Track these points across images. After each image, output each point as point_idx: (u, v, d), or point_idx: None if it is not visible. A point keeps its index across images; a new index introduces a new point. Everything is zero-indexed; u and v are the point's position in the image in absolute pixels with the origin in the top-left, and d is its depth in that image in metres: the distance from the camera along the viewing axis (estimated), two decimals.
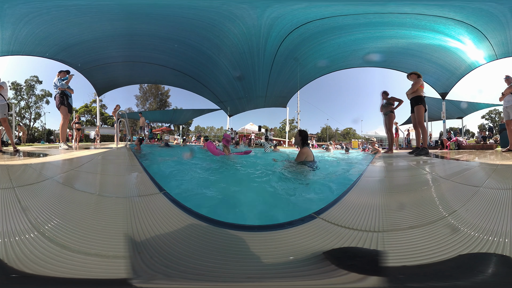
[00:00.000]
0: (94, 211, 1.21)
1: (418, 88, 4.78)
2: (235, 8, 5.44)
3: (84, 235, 0.90)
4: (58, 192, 1.56)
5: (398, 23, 6.11)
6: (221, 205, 1.67)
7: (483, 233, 0.93)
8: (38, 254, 0.75)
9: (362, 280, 0.65)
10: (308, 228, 1.05)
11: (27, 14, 5.44)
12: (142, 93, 35.79)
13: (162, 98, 36.12)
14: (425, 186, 1.90)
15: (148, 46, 7.86)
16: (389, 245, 0.88)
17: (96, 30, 6.48)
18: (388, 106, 5.88)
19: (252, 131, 20.24)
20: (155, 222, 1.06)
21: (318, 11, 5.70)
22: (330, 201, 1.38)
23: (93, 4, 5.34)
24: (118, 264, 0.73)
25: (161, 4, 5.51)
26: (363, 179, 2.21)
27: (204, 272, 0.71)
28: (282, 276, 0.71)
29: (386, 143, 9.84)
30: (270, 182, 2.33)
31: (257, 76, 9.78)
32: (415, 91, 4.81)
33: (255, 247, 0.89)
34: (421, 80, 4.79)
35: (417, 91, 4.79)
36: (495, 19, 5.36)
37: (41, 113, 27.37)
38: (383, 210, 1.30)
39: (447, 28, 5.99)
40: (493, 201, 1.34)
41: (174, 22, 6.33)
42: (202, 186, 2.18)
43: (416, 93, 4.79)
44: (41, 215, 1.08)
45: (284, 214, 1.52)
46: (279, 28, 6.39)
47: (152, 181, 1.79)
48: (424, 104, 4.82)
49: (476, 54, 7.17)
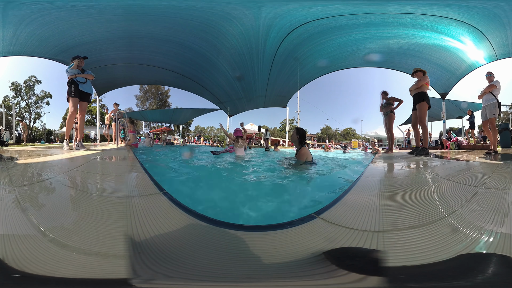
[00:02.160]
0: (94, 211, 1.21)
1: (423, 85, 4.52)
2: (231, 9, 5.43)
3: (84, 235, 0.90)
4: (58, 192, 1.56)
5: (398, 23, 6.10)
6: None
7: (483, 233, 0.93)
8: (38, 254, 0.75)
9: (362, 280, 0.65)
10: (308, 228, 1.05)
11: (30, 15, 5.44)
12: (142, 93, 35.86)
13: (162, 98, 36.17)
14: (425, 186, 1.90)
15: (148, 48, 7.88)
16: (389, 245, 0.88)
17: (96, 31, 6.50)
18: (388, 106, 5.89)
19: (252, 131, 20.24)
20: (155, 222, 1.06)
21: (316, 11, 5.70)
22: (330, 201, 1.38)
23: (94, 4, 5.34)
24: (118, 264, 0.73)
25: (160, 6, 5.52)
26: (363, 179, 2.21)
27: (204, 272, 0.71)
28: (282, 276, 0.71)
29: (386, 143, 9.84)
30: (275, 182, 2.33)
31: (256, 76, 9.79)
32: (420, 87, 4.54)
33: (255, 247, 0.89)
34: (427, 77, 4.54)
35: (422, 87, 4.53)
36: (497, 19, 5.31)
37: (41, 113, 27.43)
38: (383, 210, 1.30)
39: (448, 28, 5.98)
40: (493, 201, 1.34)
41: (173, 24, 6.35)
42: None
43: (420, 90, 4.53)
44: (41, 215, 1.08)
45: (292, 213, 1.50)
46: (278, 29, 6.39)
47: (152, 181, 1.79)
48: (428, 101, 4.53)
49: (476, 55, 7.17)
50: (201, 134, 34.21)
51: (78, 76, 4.24)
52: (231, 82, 10.59)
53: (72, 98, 4.18)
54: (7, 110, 21.09)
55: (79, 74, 4.27)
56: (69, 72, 4.22)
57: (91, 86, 4.53)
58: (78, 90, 4.23)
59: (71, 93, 4.18)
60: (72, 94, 4.18)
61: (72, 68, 4.24)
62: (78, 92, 4.23)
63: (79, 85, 4.25)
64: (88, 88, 4.43)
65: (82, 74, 4.31)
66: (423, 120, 4.54)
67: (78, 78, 4.25)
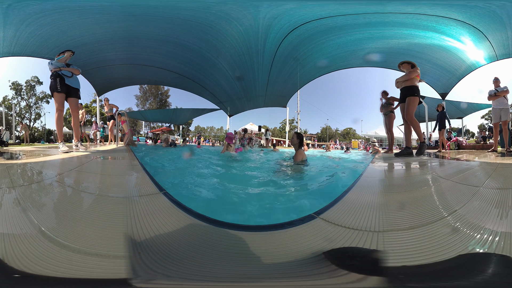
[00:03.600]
0: (94, 211, 1.21)
1: (414, 78, 4.02)
2: (230, 9, 5.44)
3: (84, 235, 0.90)
4: (58, 192, 1.56)
5: (398, 23, 6.10)
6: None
7: (483, 233, 0.93)
8: (38, 254, 0.75)
9: (362, 280, 0.65)
10: (308, 228, 1.05)
11: (31, 15, 5.44)
12: (142, 93, 35.88)
13: (162, 98, 36.20)
14: (425, 186, 1.90)
15: (148, 48, 7.90)
16: (389, 245, 0.88)
17: (97, 32, 6.51)
18: (388, 106, 5.89)
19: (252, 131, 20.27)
20: (155, 222, 1.06)
21: (314, 11, 5.70)
22: (330, 201, 1.38)
23: (95, 5, 5.35)
24: (118, 264, 0.73)
25: (160, 6, 5.53)
26: (363, 179, 2.21)
27: (204, 272, 0.71)
28: (282, 276, 0.71)
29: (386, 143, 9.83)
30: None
31: (256, 76, 9.79)
32: (409, 80, 4.02)
33: (255, 247, 0.89)
34: (417, 70, 4.05)
35: (412, 80, 4.02)
36: (497, 19, 5.32)
37: (41, 113, 27.45)
38: (383, 210, 1.30)
39: (448, 28, 5.98)
40: (493, 201, 1.34)
41: (172, 24, 6.36)
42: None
43: (411, 83, 4.02)
44: (41, 215, 1.08)
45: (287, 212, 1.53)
46: (277, 29, 6.39)
47: (152, 181, 1.79)
48: (419, 95, 4.02)
49: (476, 55, 7.17)
50: (201, 134, 34.23)
51: (63, 69, 3.78)
52: (231, 82, 10.60)
53: (58, 94, 3.71)
54: (7, 110, 21.11)
55: (64, 67, 3.81)
56: (53, 64, 3.75)
57: (78, 81, 4.04)
58: (64, 84, 3.76)
59: (56, 87, 3.69)
60: (58, 89, 3.70)
61: (59, 61, 3.81)
62: (65, 87, 3.77)
63: (65, 79, 3.78)
64: (75, 83, 3.95)
65: (68, 68, 3.84)
66: (410, 114, 4.02)
67: (64, 72, 3.78)
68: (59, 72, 3.74)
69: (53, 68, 3.73)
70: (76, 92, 3.95)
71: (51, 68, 3.76)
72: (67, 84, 3.80)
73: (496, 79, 4.96)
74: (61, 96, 3.75)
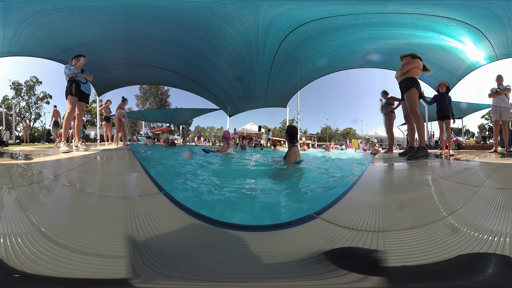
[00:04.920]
0: (94, 211, 1.21)
1: (411, 70, 3.66)
2: (230, 9, 5.44)
3: (84, 235, 0.90)
4: (58, 192, 1.56)
5: (398, 23, 6.10)
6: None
7: (483, 233, 0.93)
8: (38, 254, 0.75)
9: (362, 280, 0.65)
10: (308, 228, 1.05)
11: (30, 15, 5.44)
12: (142, 93, 35.90)
13: (162, 98, 36.21)
14: (425, 186, 1.90)
15: (148, 48, 7.90)
16: (389, 245, 0.88)
17: (97, 32, 6.51)
18: (388, 106, 5.89)
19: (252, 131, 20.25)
20: (155, 222, 1.06)
21: (314, 12, 5.71)
22: (330, 201, 1.38)
23: (95, 5, 5.35)
24: (118, 264, 0.73)
25: (159, 6, 5.53)
26: (363, 179, 2.21)
27: (204, 272, 0.71)
28: (282, 276, 0.71)
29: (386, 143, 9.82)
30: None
31: (256, 76, 9.79)
32: (406, 73, 3.68)
33: (255, 247, 0.89)
34: (417, 61, 3.68)
35: (410, 72, 3.66)
36: (497, 19, 5.32)
37: (41, 113, 27.45)
38: (383, 210, 1.30)
39: (448, 28, 5.98)
40: (493, 201, 1.34)
41: (173, 24, 6.36)
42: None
43: (408, 75, 3.67)
44: (41, 215, 1.08)
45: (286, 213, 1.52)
46: (277, 29, 6.40)
47: (152, 181, 1.79)
48: (418, 87, 3.63)
49: (476, 55, 7.17)
50: (201, 134, 34.23)
51: (79, 75, 4.19)
52: (231, 82, 10.59)
53: (72, 97, 4.10)
54: (7, 110, 21.11)
55: (80, 74, 4.21)
56: (71, 70, 4.13)
57: (90, 87, 4.51)
58: (79, 89, 4.18)
59: (71, 91, 4.09)
60: (73, 93, 4.10)
61: (76, 67, 4.16)
62: (79, 92, 4.19)
63: (81, 85, 4.20)
64: (88, 89, 4.40)
65: (82, 74, 4.26)
66: (414, 109, 3.61)
67: (79, 78, 4.20)
68: (75, 78, 4.16)
69: (70, 74, 4.14)
70: (86, 97, 4.41)
71: (68, 73, 4.15)
72: (81, 89, 4.24)
73: (500, 77, 4.95)
74: (75, 100, 4.18)
